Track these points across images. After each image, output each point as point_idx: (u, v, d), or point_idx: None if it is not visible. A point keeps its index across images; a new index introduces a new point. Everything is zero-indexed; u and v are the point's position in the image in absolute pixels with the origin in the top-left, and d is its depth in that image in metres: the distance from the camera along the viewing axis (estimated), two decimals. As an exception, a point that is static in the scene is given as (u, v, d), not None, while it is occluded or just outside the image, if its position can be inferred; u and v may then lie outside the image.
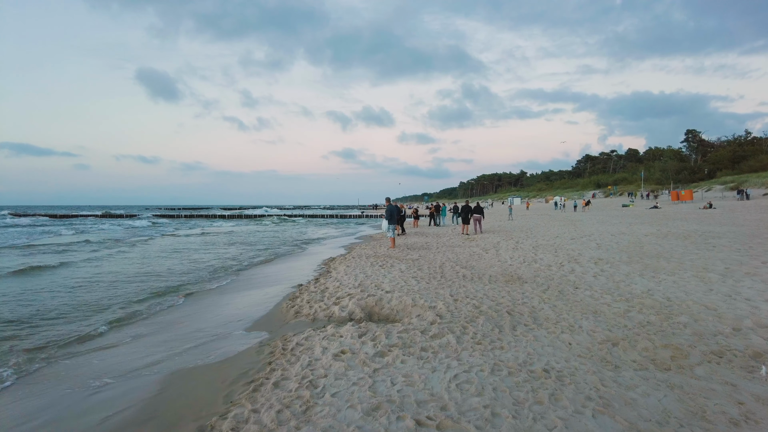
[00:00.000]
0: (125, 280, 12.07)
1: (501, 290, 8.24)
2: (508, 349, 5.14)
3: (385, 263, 12.00)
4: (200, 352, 5.81)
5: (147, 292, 10.31)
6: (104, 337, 6.97)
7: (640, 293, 7.67)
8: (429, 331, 5.65)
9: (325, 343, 5.30)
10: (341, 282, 9.48)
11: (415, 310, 6.93)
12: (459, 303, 7.18)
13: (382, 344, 5.12)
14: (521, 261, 11.64)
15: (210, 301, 9.31)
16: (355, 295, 7.88)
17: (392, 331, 5.67)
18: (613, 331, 5.72)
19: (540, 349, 5.14)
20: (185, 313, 8.31)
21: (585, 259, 11.55)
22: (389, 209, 16.20)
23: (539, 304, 7.20)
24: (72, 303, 9.20)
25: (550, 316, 6.45)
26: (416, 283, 8.98)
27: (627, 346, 5.14)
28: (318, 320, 6.80)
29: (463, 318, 6.26)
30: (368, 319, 6.79)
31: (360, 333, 5.56)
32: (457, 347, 5.10)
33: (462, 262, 11.73)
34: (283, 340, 5.66)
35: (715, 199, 51.83)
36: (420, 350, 4.98)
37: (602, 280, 8.94)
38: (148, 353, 5.87)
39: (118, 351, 6.20)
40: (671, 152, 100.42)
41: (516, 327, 5.97)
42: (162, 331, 7.09)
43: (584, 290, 8.08)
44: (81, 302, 9.29)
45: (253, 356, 5.30)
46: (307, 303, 7.76)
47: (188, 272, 13.28)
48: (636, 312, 6.55)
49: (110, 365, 5.58)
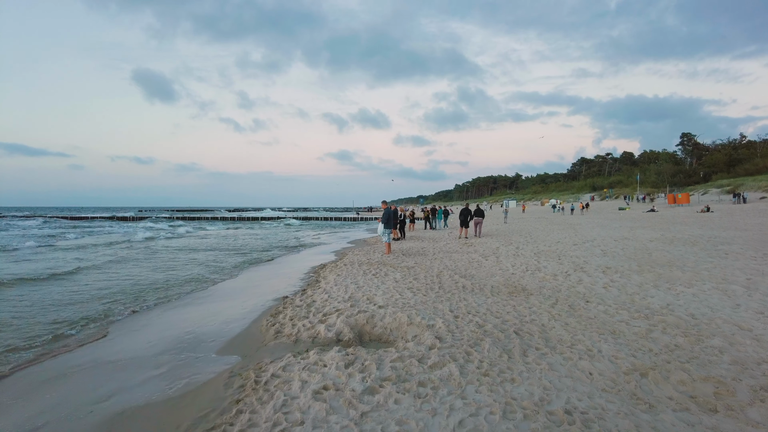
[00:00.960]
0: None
1: (505, 304, 7.48)
2: (520, 381, 4.38)
3: (378, 272, 11.21)
4: (160, 381, 4.98)
5: (105, 301, 9.46)
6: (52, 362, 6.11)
7: (659, 308, 6.93)
8: (428, 358, 4.87)
9: (305, 375, 4.50)
10: (330, 294, 8.67)
11: (411, 329, 6.14)
12: (460, 321, 6.40)
13: (372, 377, 4.32)
14: (524, 269, 10.89)
15: (184, 314, 8.48)
16: (345, 310, 7.08)
17: (385, 359, 4.88)
18: (639, 357, 4.97)
19: (557, 382, 4.37)
20: (154, 330, 7.48)
21: (592, 267, 10.82)
22: (386, 212, 15.43)
23: (549, 321, 6.44)
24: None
25: (564, 338, 5.70)
26: (412, 295, 8.19)
27: (659, 378, 4.39)
28: (301, 342, 5.99)
29: (465, 341, 5.48)
30: (358, 340, 5.99)
31: (347, 362, 4.76)
32: (460, 380, 4.32)
33: (461, 271, 10.96)
34: (256, 370, 4.85)
35: (712, 202, 51.47)
36: (417, 385, 4.19)
37: (614, 292, 8.20)
38: (98, 385, 5.03)
39: (63, 383, 5.34)
40: (666, 155, 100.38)
41: (527, 352, 5.20)
42: (121, 354, 6.25)
43: (596, 304, 7.34)
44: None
45: (219, 390, 4.50)
46: (290, 320, 6.95)
47: (165, 280, 12.42)
48: (659, 332, 5.80)
49: (48, 405, 4.69)
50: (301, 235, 32.76)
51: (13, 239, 27.98)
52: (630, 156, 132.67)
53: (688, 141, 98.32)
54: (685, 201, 50.93)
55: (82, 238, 29.81)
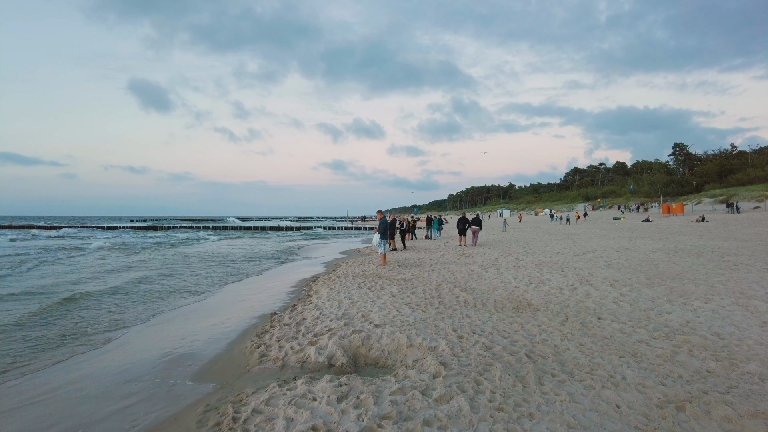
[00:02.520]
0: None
1: (512, 322, 6.90)
2: (539, 417, 3.78)
3: (374, 285, 10.58)
4: (125, 418, 4.32)
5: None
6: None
7: (678, 326, 6.38)
8: (432, 389, 4.25)
9: (291, 411, 3.87)
10: (322, 311, 8.03)
11: (411, 351, 5.53)
12: (465, 342, 5.80)
13: (369, 415, 3.70)
14: (527, 282, 10.31)
15: (165, 331, 7.81)
16: (337, 330, 6.45)
17: (383, 390, 4.26)
18: (669, 386, 4.39)
19: (582, 418, 3.78)
20: (129, 351, 6.81)
21: (598, 280, 10.28)
22: (382, 222, 14.84)
23: (562, 342, 5.86)
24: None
25: (581, 361, 5.11)
26: (411, 312, 7.58)
27: (699, 413, 3.81)
28: (288, 367, 5.35)
29: (473, 366, 4.88)
30: (353, 364, 5.37)
31: (340, 395, 4.13)
32: (471, 417, 3.72)
33: (461, 284, 10.37)
34: (236, 404, 4.21)
35: (705, 212, 51.46)
36: (422, 425, 3.58)
37: (626, 307, 7.65)
38: (54, 421, 4.37)
39: (16, 415, 4.69)
40: (659, 165, 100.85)
41: (542, 379, 4.61)
42: (86, 381, 5.59)
43: (610, 322, 6.77)
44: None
45: (191, 427, 3.86)
46: (276, 342, 6.30)
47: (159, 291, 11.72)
48: (686, 354, 5.24)
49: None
50: (292, 245, 32.06)
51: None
52: (623, 166, 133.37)
53: (681, 151, 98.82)
54: (679, 211, 50.82)
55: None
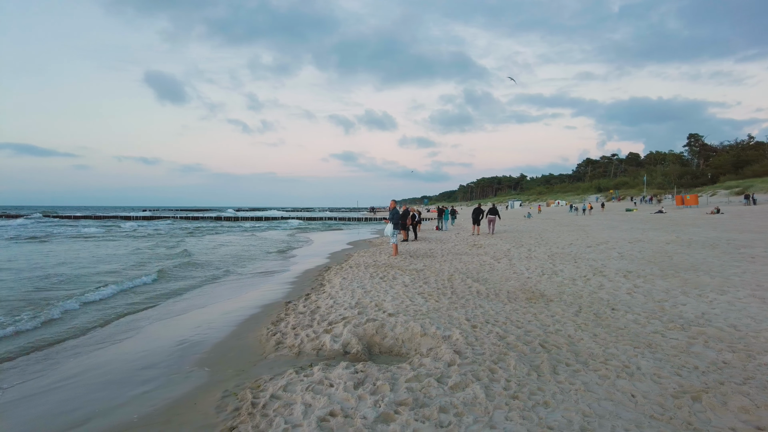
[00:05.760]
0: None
1: (525, 312, 6.91)
2: (554, 406, 3.81)
3: (386, 275, 10.64)
4: (142, 403, 4.40)
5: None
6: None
7: (693, 318, 6.35)
8: (447, 377, 4.30)
9: (309, 397, 3.94)
10: (336, 300, 8.11)
11: (425, 340, 5.57)
12: (479, 331, 5.83)
13: (385, 401, 3.76)
14: (540, 273, 10.30)
15: (179, 321, 7.94)
16: (352, 319, 6.51)
17: (399, 378, 4.32)
18: (685, 377, 4.39)
19: (597, 406, 3.80)
20: (145, 339, 6.94)
21: (611, 271, 10.23)
22: (394, 213, 14.85)
23: (576, 332, 5.87)
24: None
25: (595, 352, 5.12)
26: (424, 301, 7.62)
27: (715, 404, 3.81)
28: (304, 354, 5.43)
29: (488, 355, 4.91)
30: (367, 352, 5.43)
31: (356, 381, 4.20)
32: (487, 405, 3.76)
33: (473, 274, 10.38)
34: (254, 390, 4.29)
35: (721, 204, 50.63)
36: (438, 411, 3.62)
37: (640, 298, 7.63)
38: (75, 406, 4.49)
39: (40, 400, 4.82)
40: (673, 156, 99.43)
41: (557, 368, 4.63)
42: (104, 368, 5.71)
43: (624, 313, 6.76)
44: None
45: (210, 414, 3.94)
46: (292, 329, 6.39)
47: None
48: (701, 346, 5.22)
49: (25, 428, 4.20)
50: (302, 236, 32.23)
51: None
52: (636, 157, 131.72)
53: (695, 142, 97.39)
54: (693, 203, 50.10)
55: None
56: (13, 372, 5.51)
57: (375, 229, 42.11)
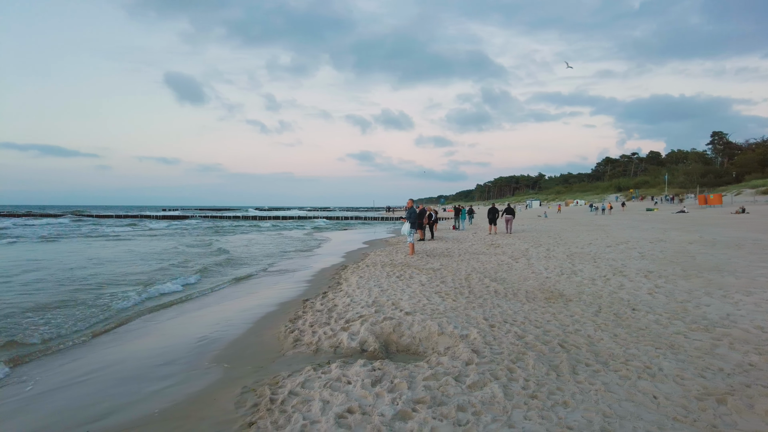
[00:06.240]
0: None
1: (544, 312, 6.84)
2: (574, 406, 3.76)
3: (402, 274, 10.63)
4: (163, 398, 4.48)
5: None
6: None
7: (718, 319, 6.21)
8: (465, 376, 4.28)
9: (327, 393, 3.96)
10: (353, 298, 8.14)
11: (442, 339, 5.56)
12: (497, 331, 5.79)
13: (403, 399, 3.76)
14: (558, 273, 10.19)
15: (198, 318, 8.05)
16: (369, 317, 6.52)
17: (416, 375, 4.31)
18: (709, 379, 4.29)
19: (617, 407, 3.74)
20: (164, 336, 7.06)
21: (632, 271, 10.07)
22: (411, 211, 14.85)
23: (595, 332, 5.79)
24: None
25: (616, 352, 5.05)
26: (441, 300, 7.60)
27: (741, 407, 3.71)
28: (321, 352, 5.47)
29: (506, 355, 4.88)
30: (384, 350, 5.44)
31: (374, 379, 4.21)
32: (505, 404, 3.73)
33: (491, 274, 10.31)
34: (272, 386, 4.33)
35: (746, 203, 49.41)
36: (456, 410, 3.61)
37: (661, 299, 7.49)
38: (96, 400, 4.59)
39: (59, 394, 4.94)
40: (695, 155, 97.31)
41: (576, 369, 4.57)
42: (124, 363, 5.82)
43: (645, 313, 6.64)
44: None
45: (230, 410, 3.99)
46: (310, 327, 6.43)
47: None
48: (726, 347, 5.10)
49: (45, 421, 4.31)
50: (319, 236, 32.41)
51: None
52: (656, 156, 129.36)
53: (719, 140, 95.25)
54: (717, 202, 48.99)
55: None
56: (35, 365, 5.67)
57: (392, 228, 42.14)
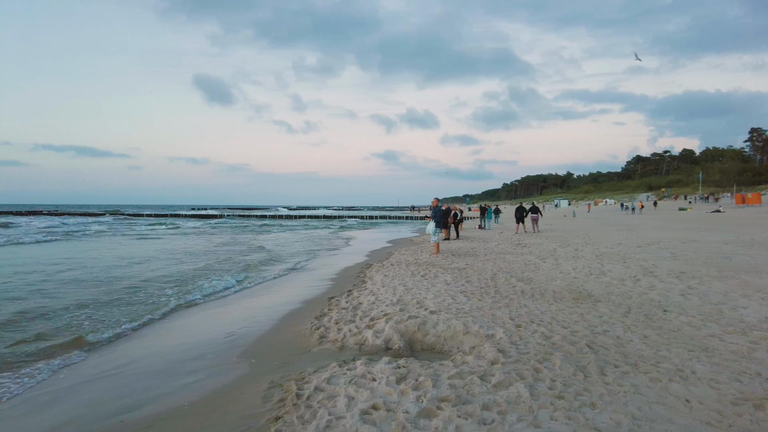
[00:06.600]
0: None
1: (571, 312, 6.73)
2: (602, 407, 3.69)
3: (427, 273, 10.61)
4: (192, 392, 4.59)
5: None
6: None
7: (756, 322, 5.99)
8: (490, 375, 4.25)
9: (352, 390, 4.00)
10: (377, 296, 8.17)
11: (467, 339, 5.53)
12: (523, 331, 5.73)
13: (428, 397, 3.76)
14: (587, 273, 10.01)
15: (224, 314, 8.22)
16: (393, 315, 6.54)
17: (441, 374, 4.31)
18: (745, 383, 4.15)
19: (647, 410, 3.66)
20: (193, 330, 7.24)
21: (663, 272, 9.81)
22: (437, 210, 14.82)
23: (624, 333, 5.67)
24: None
25: (645, 354, 4.93)
26: (466, 300, 7.56)
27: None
28: (347, 349, 5.51)
29: (532, 355, 4.82)
30: (409, 349, 5.45)
31: (398, 376, 4.22)
32: (531, 404, 3.69)
33: (517, 273, 10.20)
34: (298, 381, 4.39)
35: (787, 202, 47.49)
36: (481, 408, 3.59)
37: (694, 300, 7.27)
38: (126, 392, 4.74)
39: (89, 388, 5.12)
40: (732, 152, 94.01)
41: (604, 370, 4.49)
42: (154, 358, 5.99)
43: (677, 315, 6.47)
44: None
45: (257, 404, 4.06)
46: (335, 324, 6.49)
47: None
48: (764, 351, 4.92)
49: (74, 414, 4.48)
50: (344, 234, 32.61)
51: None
52: (690, 154, 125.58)
53: (758, 137, 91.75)
54: (755, 201, 47.19)
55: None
56: (74, 355, 5.90)
57: (417, 228, 42.09)
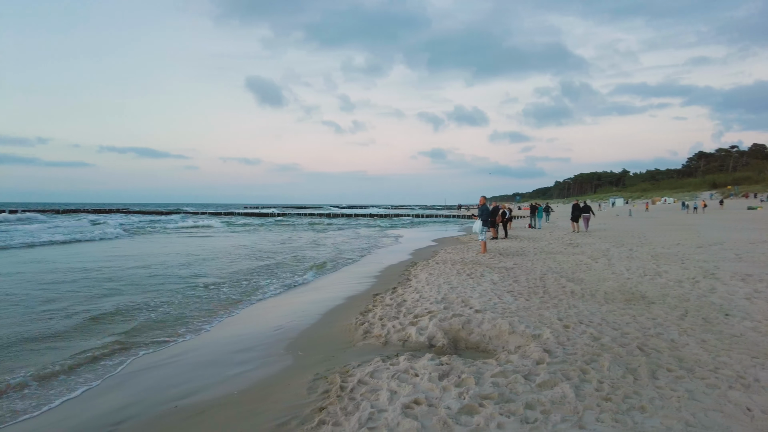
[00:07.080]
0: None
1: (623, 314, 6.50)
2: (652, 412, 3.56)
3: (473, 272, 10.52)
4: (241, 382, 4.81)
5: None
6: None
7: (830, 329, 5.58)
8: (535, 375, 4.19)
9: (394, 384, 4.05)
10: (422, 294, 8.19)
11: (512, 338, 5.46)
12: (571, 331, 5.59)
13: (470, 394, 3.76)
14: (641, 274, 9.61)
15: (275, 308, 8.48)
16: (437, 313, 6.55)
17: (484, 372, 4.29)
18: (815, 393, 3.89)
19: (703, 417, 3.49)
20: (244, 324, 7.53)
21: (726, 274, 9.27)
22: (483, 209, 14.65)
23: (680, 336, 5.42)
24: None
25: (702, 358, 4.70)
26: (513, 299, 7.45)
27: None
28: (390, 344, 5.58)
29: (579, 356, 4.71)
30: (453, 347, 5.44)
31: (441, 373, 4.24)
32: (576, 405, 3.61)
33: (567, 274, 9.93)
34: (343, 374, 4.49)
35: None
36: (524, 407, 3.56)
37: (762, 305, 6.85)
38: (180, 381, 5.02)
39: (147, 376, 5.43)
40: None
41: (656, 373, 4.32)
42: (206, 349, 6.29)
43: (740, 319, 6.11)
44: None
45: (302, 394, 4.19)
46: (379, 320, 6.58)
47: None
48: (838, 361, 4.59)
49: (135, 399, 4.78)
50: (390, 233, 32.74)
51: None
52: (762, 148, 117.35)
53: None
54: (834, 200, 43.58)
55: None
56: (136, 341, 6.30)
57: (462, 227, 41.69)
